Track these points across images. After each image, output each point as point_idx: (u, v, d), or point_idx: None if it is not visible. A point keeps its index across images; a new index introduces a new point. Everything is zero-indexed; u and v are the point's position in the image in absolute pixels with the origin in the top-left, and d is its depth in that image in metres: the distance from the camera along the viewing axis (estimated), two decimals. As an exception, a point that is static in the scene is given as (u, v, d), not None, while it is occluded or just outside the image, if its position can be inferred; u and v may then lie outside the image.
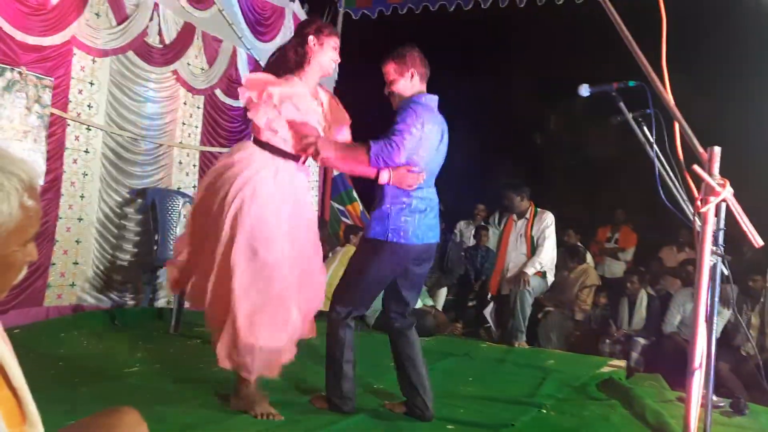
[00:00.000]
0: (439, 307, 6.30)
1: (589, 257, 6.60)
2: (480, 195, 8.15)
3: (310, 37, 2.82)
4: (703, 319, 1.64)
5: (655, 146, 2.23)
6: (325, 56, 2.85)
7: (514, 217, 5.54)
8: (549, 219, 5.39)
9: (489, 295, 5.80)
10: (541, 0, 6.34)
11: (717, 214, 1.75)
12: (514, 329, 5.13)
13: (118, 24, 4.54)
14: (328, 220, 7.12)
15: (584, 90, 2.46)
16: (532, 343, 5.28)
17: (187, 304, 4.94)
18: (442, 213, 3.10)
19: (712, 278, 1.91)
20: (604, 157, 10.47)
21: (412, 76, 2.87)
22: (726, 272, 2.11)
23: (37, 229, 1.08)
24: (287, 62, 2.83)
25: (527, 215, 5.46)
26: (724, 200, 1.49)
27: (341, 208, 7.41)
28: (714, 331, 2.00)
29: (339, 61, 2.95)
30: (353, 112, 3.19)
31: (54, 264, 4.29)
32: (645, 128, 2.29)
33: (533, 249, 5.37)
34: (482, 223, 7.38)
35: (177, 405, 2.72)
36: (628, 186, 9.10)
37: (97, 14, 4.42)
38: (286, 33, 6.18)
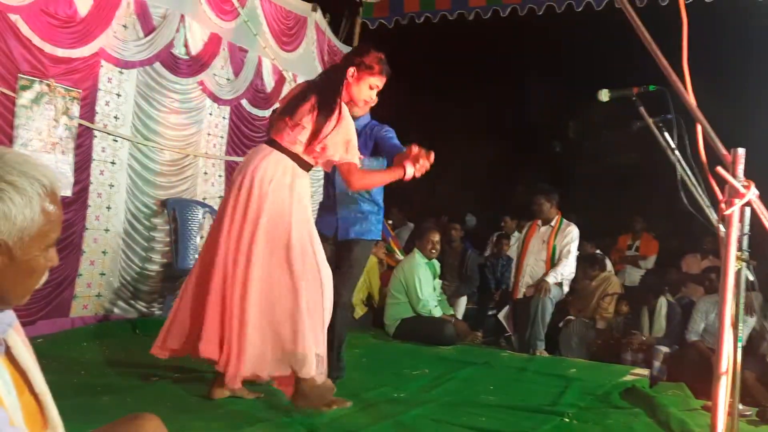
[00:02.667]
0: (459, 316, 6.29)
1: (609, 265, 6.55)
2: (499, 203, 8.13)
3: (351, 69, 2.87)
4: (729, 325, 1.63)
5: (676, 151, 2.23)
6: (359, 92, 2.91)
7: (539, 222, 5.55)
8: (575, 233, 5.43)
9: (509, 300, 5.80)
10: (560, 7, 6.33)
11: (741, 219, 1.74)
12: (534, 338, 5.11)
13: (145, 36, 4.63)
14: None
15: (604, 95, 2.46)
16: (553, 352, 5.26)
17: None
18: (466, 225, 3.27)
19: (737, 284, 1.90)
20: (624, 163, 10.38)
21: None
22: (751, 278, 2.09)
23: (59, 235, 1.09)
24: (326, 83, 2.87)
25: (552, 223, 5.47)
26: (748, 203, 1.48)
27: None
28: (739, 338, 1.98)
29: (374, 101, 3.03)
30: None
31: (80, 275, 4.36)
32: (666, 133, 2.28)
33: (553, 258, 5.36)
34: (502, 232, 7.36)
35: (199, 414, 2.75)
36: (649, 193, 9.02)
37: (124, 26, 4.51)
38: (309, 42, 6.26)
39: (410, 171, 2.81)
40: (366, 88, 2.92)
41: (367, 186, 3.07)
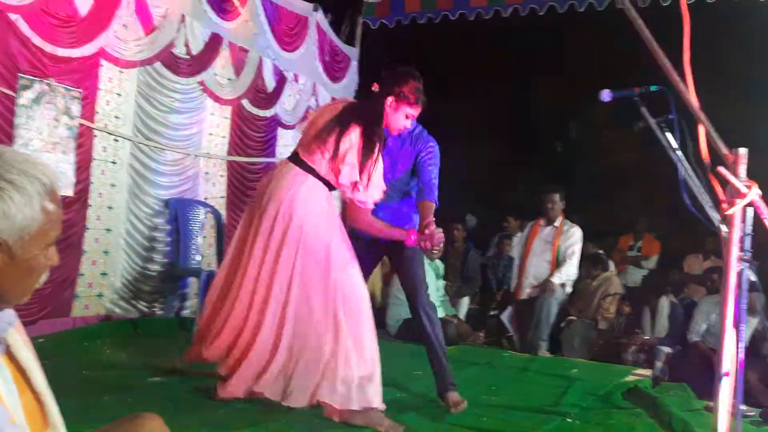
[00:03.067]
0: (462, 316, 6.29)
1: (611, 265, 6.55)
2: (500, 203, 8.11)
3: (390, 99, 2.83)
4: (731, 325, 1.62)
5: (678, 151, 2.22)
6: (396, 121, 2.89)
7: (542, 222, 5.55)
8: (578, 235, 5.45)
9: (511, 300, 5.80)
10: (562, 8, 6.32)
11: (743, 219, 1.73)
12: (537, 338, 5.12)
13: (146, 35, 4.62)
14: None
15: (605, 95, 2.45)
16: (555, 352, 5.27)
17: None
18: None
19: (739, 285, 1.89)
20: (626, 164, 10.36)
21: None
22: (753, 278, 2.09)
23: (59, 233, 1.08)
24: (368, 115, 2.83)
25: (556, 223, 5.47)
26: (751, 203, 1.47)
27: None
28: (742, 339, 1.98)
29: (408, 128, 3.01)
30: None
31: (82, 275, 4.35)
32: (668, 133, 2.28)
33: (558, 259, 5.37)
34: (505, 233, 7.35)
35: (200, 414, 2.75)
36: (650, 193, 9.00)
37: (125, 26, 4.50)
38: (310, 42, 6.25)
39: (413, 239, 2.84)
40: (402, 118, 2.89)
41: (367, 231, 2.96)
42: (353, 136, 2.70)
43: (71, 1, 4.11)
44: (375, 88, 2.90)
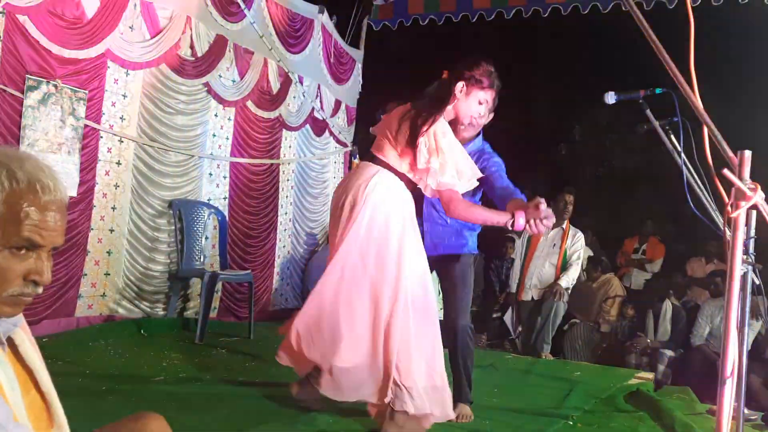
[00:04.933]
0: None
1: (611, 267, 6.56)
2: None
3: (460, 84, 2.70)
4: (734, 329, 1.62)
5: (683, 154, 2.22)
6: (468, 108, 2.74)
7: None
8: (583, 240, 5.46)
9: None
10: (566, 10, 6.32)
11: (747, 222, 1.73)
12: (541, 340, 5.12)
13: (152, 37, 4.64)
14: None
15: (610, 98, 2.46)
16: (557, 355, 5.27)
17: (213, 314, 5.02)
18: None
19: (743, 288, 1.89)
20: (630, 166, 10.35)
21: None
22: (757, 282, 2.08)
23: (29, 239, 1.02)
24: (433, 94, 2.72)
25: (564, 226, 5.47)
26: (755, 206, 1.47)
27: None
28: (745, 342, 1.97)
29: (485, 118, 2.86)
30: (375, 120, 3.23)
31: (85, 275, 4.37)
32: (672, 136, 2.28)
33: (564, 263, 5.38)
34: (508, 234, 7.35)
35: (202, 414, 2.75)
36: (654, 196, 8.99)
37: (131, 27, 4.52)
38: (315, 44, 6.26)
39: (521, 223, 2.53)
40: (475, 104, 2.74)
41: (467, 219, 2.75)
42: (431, 126, 2.58)
43: (78, 3, 4.13)
44: (445, 75, 2.75)
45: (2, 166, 1.01)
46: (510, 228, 2.59)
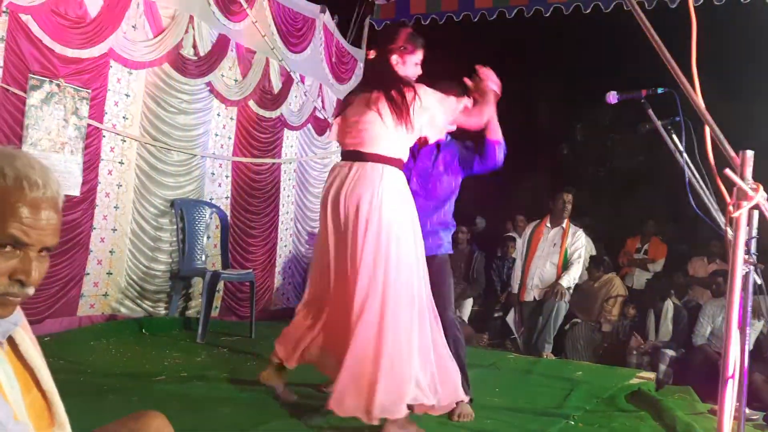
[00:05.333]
0: (465, 318, 6.29)
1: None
2: (507, 206, 8.10)
3: (393, 57, 2.79)
4: (736, 328, 1.62)
5: (684, 154, 2.22)
6: (407, 74, 2.83)
7: (547, 223, 5.54)
8: (584, 239, 5.47)
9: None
10: (567, 10, 6.31)
11: (749, 222, 1.73)
12: (542, 340, 5.12)
13: (154, 36, 4.64)
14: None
15: (612, 97, 2.46)
16: (558, 355, 5.27)
17: (214, 314, 5.03)
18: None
19: (745, 288, 1.89)
20: (632, 166, 10.34)
21: None
22: (759, 281, 2.08)
23: (13, 237, 0.99)
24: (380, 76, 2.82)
25: (563, 225, 5.47)
26: (757, 205, 1.47)
27: None
28: (747, 342, 1.97)
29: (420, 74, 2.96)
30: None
31: (88, 274, 4.38)
32: (674, 136, 2.28)
33: (565, 262, 5.37)
34: (509, 234, 7.35)
35: (203, 413, 2.76)
36: (656, 196, 8.98)
37: (134, 27, 4.53)
38: (317, 44, 6.26)
39: (492, 88, 2.85)
40: (412, 67, 2.84)
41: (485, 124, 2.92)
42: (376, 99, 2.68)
43: (81, 2, 4.14)
44: (371, 55, 2.92)
45: None
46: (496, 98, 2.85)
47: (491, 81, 2.89)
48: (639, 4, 5.61)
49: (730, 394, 1.75)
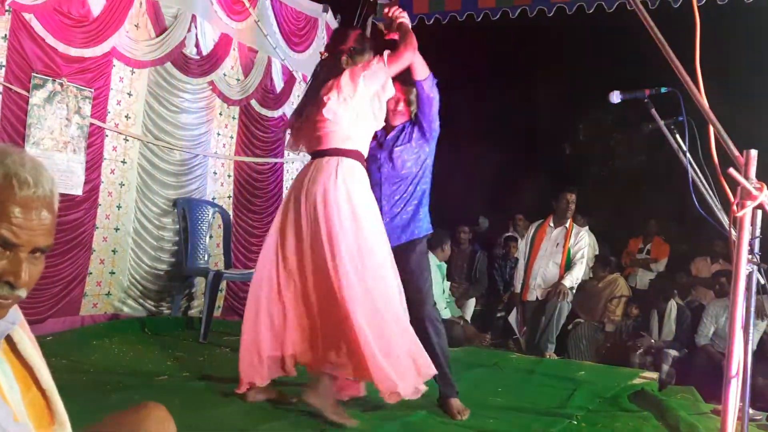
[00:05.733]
0: (468, 317, 6.28)
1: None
2: (510, 206, 8.10)
3: (344, 57, 2.85)
4: (740, 327, 1.62)
5: (688, 154, 2.22)
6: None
7: (551, 223, 5.54)
8: (587, 238, 5.46)
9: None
10: (571, 10, 6.30)
11: (753, 222, 1.73)
12: (545, 339, 5.12)
13: (157, 35, 4.65)
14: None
15: (615, 97, 2.46)
16: (561, 354, 5.26)
17: (217, 313, 5.03)
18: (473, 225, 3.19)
19: (748, 287, 1.88)
20: (635, 166, 10.33)
21: None
22: (762, 281, 2.08)
23: (1, 236, 0.96)
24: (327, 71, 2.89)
25: (567, 224, 5.46)
26: (760, 205, 1.47)
27: None
28: (750, 342, 1.97)
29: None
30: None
31: (90, 273, 4.38)
32: (677, 136, 2.27)
33: (568, 262, 5.37)
34: (511, 234, 7.34)
35: (206, 412, 2.76)
36: (659, 196, 8.97)
37: (136, 26, 4.53)
38: (319, 43, 6.26)
39: (405, 21, 2.92)
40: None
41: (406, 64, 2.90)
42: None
43: (84, 1, 4.15)
44: (324, 55, 2.96)
45: None
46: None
47: (401, 16, 2.93)
48: (642, 3, 5.60)
49: (734, 394, 1.74)
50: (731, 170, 1.45)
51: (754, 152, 1.48)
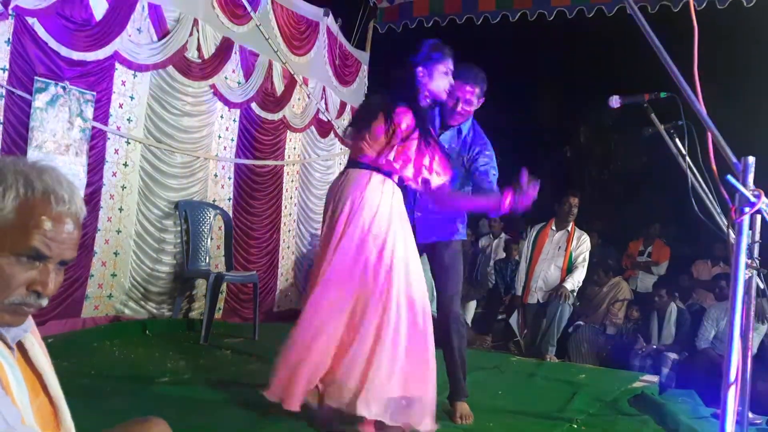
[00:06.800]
0: (469, 320, 6.29)
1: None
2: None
3: (419, 69, 2.72)
4: (738, 332, 1.62)
5: (687, 158, 2.23)
6: (437, 84, 2.75)
7: (553, 226, 5.54)
8: (588, 242, 5.47)
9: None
10: (571, 13, 6.32)
11: (752, 227, 1.73)
12: (546, 342, 5.12)
13: (159, 39, 4.67)
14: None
15: (615, 101, 2.47)
16: (562, 357, 5.27)
17: (218, 315, 5.04)
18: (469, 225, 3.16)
19: (747, 292, 1.89)
20: (634, 170, 10.34)
21: None
22: (762, 285, 2.08)
23: (36, 249, 1.01)
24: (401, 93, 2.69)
25: (569, 228, 5.48)
26: (758, 212, 1.48)
27: None
28: (750, 346, 1.98)
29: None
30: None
31: (92, 275, 4.39)
32: (677, 140, 2.28)
33: (570, 265, 5.38)
34: (510, 237, 7.36)
35: (206, 415, 2.77)
36: (659, 198, 8.97)
37: (138, 30, 4.55)
38: (320, 47, 6.28)
39: (507, 203, 2.55)
40: (442, 77, 2.75)
41: (453, 207, 2.84)
42: (397, 120, 2.59)
43: (87, 5, 4.16)
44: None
45: (21, 175, 1.02)
46: (501, 210, 2.61)
47: (530, 196, 2.62)
48: (642, 8, 5.62)
49: (733, 398, 1.75)
50: (729, 178, 1.46)
51: (751, 159, 1.49)
